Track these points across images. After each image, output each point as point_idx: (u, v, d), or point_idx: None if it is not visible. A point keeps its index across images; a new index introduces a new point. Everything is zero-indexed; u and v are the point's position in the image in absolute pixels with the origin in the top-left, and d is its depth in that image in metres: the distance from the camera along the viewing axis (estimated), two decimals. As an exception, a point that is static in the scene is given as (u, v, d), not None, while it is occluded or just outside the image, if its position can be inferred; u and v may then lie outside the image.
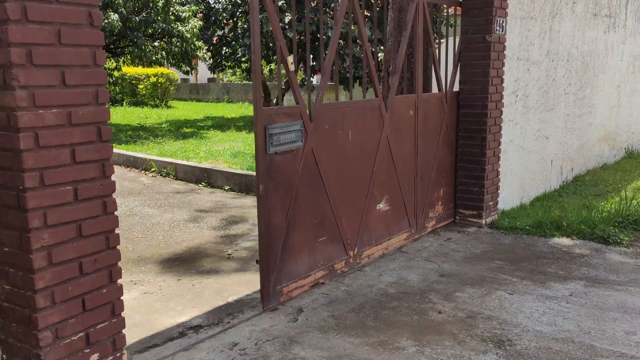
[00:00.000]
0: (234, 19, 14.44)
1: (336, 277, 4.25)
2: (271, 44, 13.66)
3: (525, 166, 6.26)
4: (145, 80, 21.90)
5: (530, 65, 6.05)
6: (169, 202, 6.76)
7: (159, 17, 12.94)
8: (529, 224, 5.44)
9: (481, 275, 4.30)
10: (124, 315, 2.75)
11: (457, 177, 5.64)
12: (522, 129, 6.06)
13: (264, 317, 3.58)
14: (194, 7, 14.22)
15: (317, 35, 13.63)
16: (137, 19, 12.58)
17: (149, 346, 3.21)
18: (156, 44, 13.96)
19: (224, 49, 14.88)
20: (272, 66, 16.68)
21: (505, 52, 5.48)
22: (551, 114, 6.65)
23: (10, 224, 2.37)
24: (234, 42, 14.52)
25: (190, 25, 13.62)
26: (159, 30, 13.00)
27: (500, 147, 5.63)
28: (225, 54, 14.86)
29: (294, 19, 3.47)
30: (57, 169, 2.38)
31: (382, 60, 5.87)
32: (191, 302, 3.85)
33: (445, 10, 5.39)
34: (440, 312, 3.64)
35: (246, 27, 13.77)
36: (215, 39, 15.27)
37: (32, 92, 2.26)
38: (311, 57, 14.77)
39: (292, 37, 13.08)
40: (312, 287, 4.05)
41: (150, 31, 13.66)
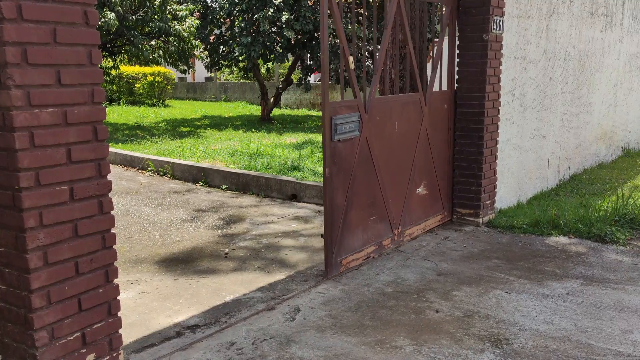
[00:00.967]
0: (231, 18, 14.40)
1: (383, 252, 4.80)
2: (268, 44, 13.64)
3: (522, 165, 6.27)
4: (142, 79, 21.85)
5: (527, 64, 6.05)
6: (166, 202, 6.75)
7: (156, 16, 12.91)
8: (526, 223, 5.44)
9: (478, 274, 4.31)
10: (121, 315, 2.74)
11: (454, 175, 5.65)
12: (519, 127, 6.07)
13: (261, 317, 3.58)
14: (191, 6, 14.18)
15: (315, 34, 13.62)
16: (134, 17, 12.54)
17: (145, 346, 3.20)
18: (153, 42, 13.92)
19: (221, 47, 14.85)
20: (269, 65, 16.64)
21: (502, 51, 5.49)
22: (548, 112, 6.66)
23: (5, 223, 2.36)
24: (231, 41, 14.49)
25: (187, 24, 13.58)
26: (156, 29, 12.96)
27: (497, 146, 5.63)
28: (222, 52, 14.83)
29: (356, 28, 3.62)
30: (53, 168, 2.37)
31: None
32: (188, 302, 3.84)
33: (440, 9, 5.39)
34: (437, 311, 3.64)
35: (243, 26, 13.75)
36: (212, 38, 15.24)
37: (27, 92, 2.25)
38: (308, 56, 14.76)
39: (289, 36, 13.07)
40: (364, 259, 4.57)
41: (147, 30, 13.63)
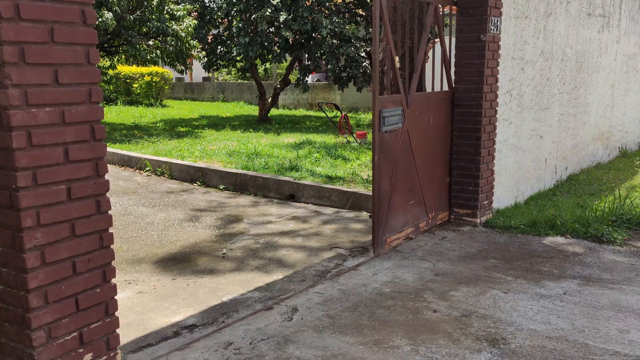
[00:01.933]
0: (229, 18, 14.39)
1: (419, 233, 5.31)
2: (266, 44, 13.63)
3: (519, 165, 6.28)
4: (139, 79, 21.83)
5: (524, 64, 6.06)
6: (164, 202, 6.74)
7: (154, 16, 12.88)
8: (523, 223, 5.45)
9: (476, 274, 4.31)
10: (118, 314, 2.74)
11: (451, 176, 5.66)
12: (516, 128, 6.08)
13: (259, 316, 3.58)
14: (189, 6, 14.15)
15: (312, 34, 13.61)
16: (131, 17, 12.51)
17: (143, 346, 3.20)
18: (151, 42, 13.89)
19: (219, 47, 14.84)
20: (267, 65, 16.63)
21: (499, 52, 5.50)
22: (545, 113, 6.67)
23: (3, 223, 2.35)
24: (228, 41, 14.48)
25: (185, 24, 13.56)
26: (154, 29, 12.93)
27: (494, 146, 5.64)
28: (220, 53, 14.81)
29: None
30: (50, 167, 2.37)
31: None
32: (186, 302, 3.84)
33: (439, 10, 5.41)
34: (435, 311, 3.64)
35: (241, 26, 13.74)
36: (210, 38, 15.23)
37: (24, 91, 2.25)
38: (306, 56, 14.75)
39: (287, 36, 13.07)
40: (404, 240, 5.08)
41: (144, 30, 13.60)
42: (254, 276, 4.32)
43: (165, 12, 13.28)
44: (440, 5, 5.30)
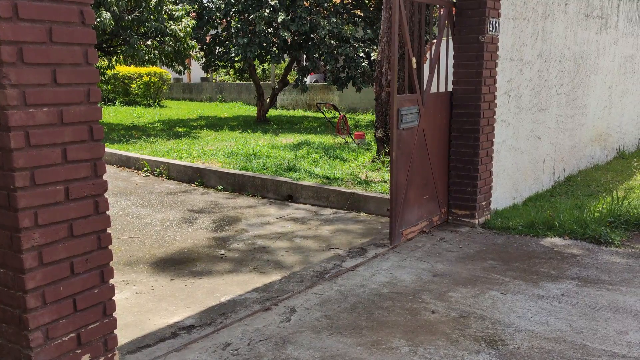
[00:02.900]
0: (227, 19, 14.40)
1: (433, 227, 5.50)
2: (264, 44, 13.63)
3: (517, 166, 6.28)
4: (138, 79, 21.82)
5: (523, 65, 6.07)
6: (162, 202, 6.73)
7: (152, 16, 12.87)
8: (521, 224, 5.46)
9: (474, 275, 4.31)
10: (116, 315, 2.74)
11: (450, 177, 5.66)
12: (514, 129, 6.08)
13: (257, 317, 3.57)
14: (187, 6, 14.15)
15: (311, 35, 13.61)
16: (129, 17, 12.50)
17: (141, 346, 3.19)
18: (149, 43, 13.88)
19: (217, 48, 14.84)
20: (265, 66, 16.64)
21: (498, 53, 5.50)
22: (543, 114, 6.68)
23: (0, 223, 2.35)
24: (227, 42, 14.49)
25: (183, 24, 13.55)
26: (152, 29, 12.93)
27: (493, 148, 5.65)
28: (218, 53, 14.81)
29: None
30: (48, 168, 2.36)
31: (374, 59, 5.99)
32: (183, 302, 3.83)
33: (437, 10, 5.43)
34: (433, 312, 3.64)
35: (239, 27, 13.73)
36: (208, 38, 15.23)
37: (22, 91, 2.25)
38: (304, 57, 14.76)
39: (285, 36, 13.07)
40: (418, 233, 5.28)
41: (143, 30, 13.59)
42: (252, 277, 4.31)
43: (163, 12, 13.27)
44: (438, 5, 5.31)
